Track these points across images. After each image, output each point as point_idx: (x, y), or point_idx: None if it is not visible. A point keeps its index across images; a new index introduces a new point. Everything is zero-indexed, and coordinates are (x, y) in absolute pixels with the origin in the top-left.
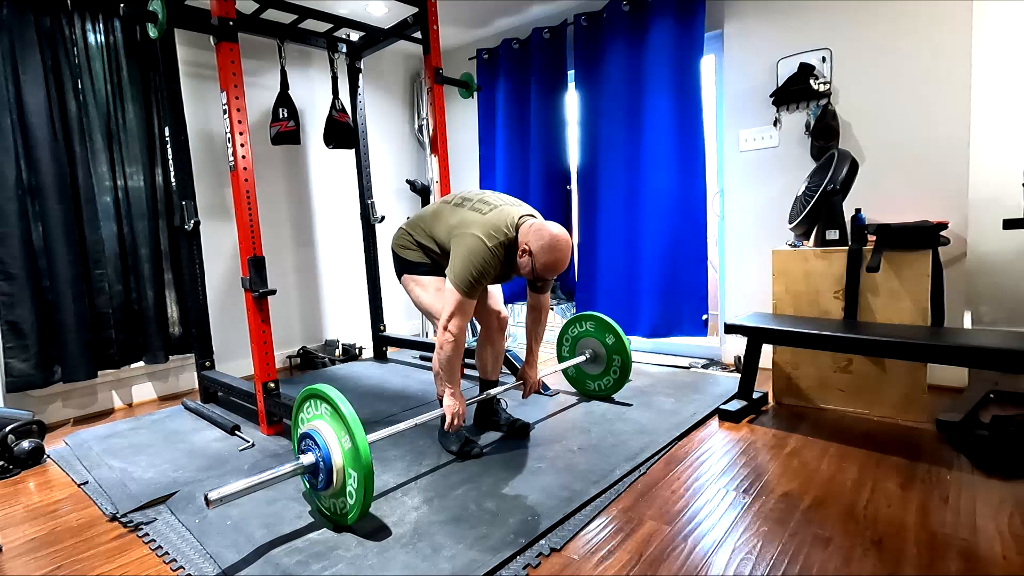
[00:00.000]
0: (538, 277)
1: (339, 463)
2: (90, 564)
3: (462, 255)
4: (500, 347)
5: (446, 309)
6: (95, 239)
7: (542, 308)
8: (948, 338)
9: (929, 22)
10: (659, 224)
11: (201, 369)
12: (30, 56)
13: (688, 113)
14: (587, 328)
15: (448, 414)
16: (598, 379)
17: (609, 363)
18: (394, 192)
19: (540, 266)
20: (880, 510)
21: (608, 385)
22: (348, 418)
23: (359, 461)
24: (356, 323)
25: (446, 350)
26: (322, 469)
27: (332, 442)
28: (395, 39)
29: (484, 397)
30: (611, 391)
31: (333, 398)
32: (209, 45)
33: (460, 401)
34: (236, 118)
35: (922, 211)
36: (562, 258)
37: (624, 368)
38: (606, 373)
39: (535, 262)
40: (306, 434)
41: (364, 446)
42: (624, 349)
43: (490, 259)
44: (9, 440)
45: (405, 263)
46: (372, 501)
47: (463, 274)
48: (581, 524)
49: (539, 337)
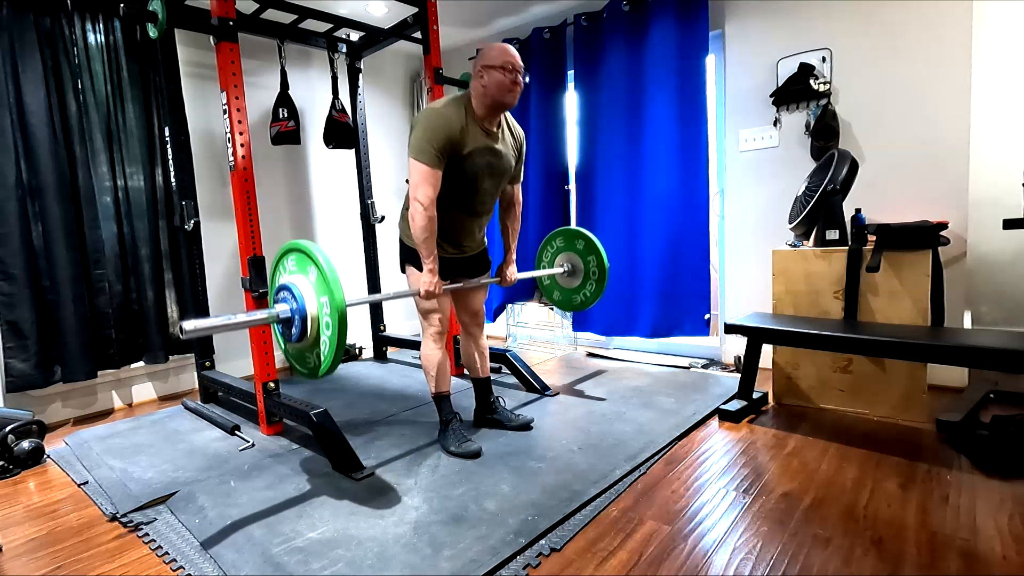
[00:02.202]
0: (507, 76)
1: (314, 312)
2: (90, 564)
3: (416, 129)
4: (482, 344)
5: (412, 182)
6: (95, 239)
7: (514, 202)
8: (948, 338)
9: (929, 22)
10: (661, 224)
11: (201, 369)
12: (30, 56)
13: (691, 112)
14: (558, 245)
15: (422, 288)
16: (581, 289)
17: (587, 269)
18: (394, 192)
19: (496, 61)
20: (880, 510)
21: (592, 291)
22: (324, 267)
23: (334, 302)
24: (356, 323)
25: (418, 221)
26: (297, 319)
27: (308, 293)
28: (395, 39)
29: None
30: (596, 296)
31: (310, 249)
32: (209, 45)
33: (435, 277)
34: (236, 118)
35: (922, 211)
36: (508, 47)
37: (601, 268)
38: (587, 278)
39: (491, 64)
40: (283, 286)
41: (338, 288)
42: (596, 249)
43: (441, 117)
44: (9, 440)
45: (406, 250)
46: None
47: (418, 141)
48: (581, 524)
49: (514, 232)
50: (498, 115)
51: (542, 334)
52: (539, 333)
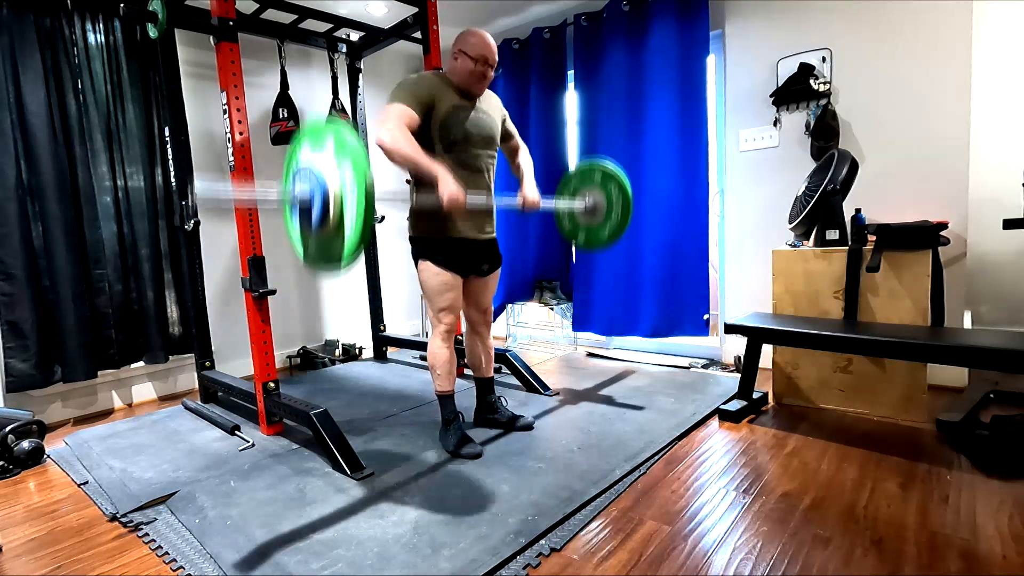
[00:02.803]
0: (477, 67)
1: (336, 189)
2: (90, 564)
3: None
4: (488, 343)
5: (379, 119)
6: (95, 239)
7: (517, 148)
8: (948, 338)
9: (929, 22)
10: (660, 224)
11: (201, 369)
12: (30, 56)
13: (691, 113)
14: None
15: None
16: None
17: (609, 199)
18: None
19: (472, 51)
20: (880, 510)
21: (618, 219)
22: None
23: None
24: (356, 323)
25: (388, 142)
26: (318, 198)
27: (330, 171)
28: (395, 39)
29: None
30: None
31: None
32: (209, 45)
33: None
34: (236, 118)
35: (922, 211)
36: (483, 34)
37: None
38: (610, 209)
39: (467, 51)
40: (299, 170)
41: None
42: (615, 177)
43: (416, 77)
44: (9, 440)
45: (416, 243)
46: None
47: (393, 94)
48: (581, 524)
49: (527, 169)
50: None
51: (542, 334)
52: (539, 333)
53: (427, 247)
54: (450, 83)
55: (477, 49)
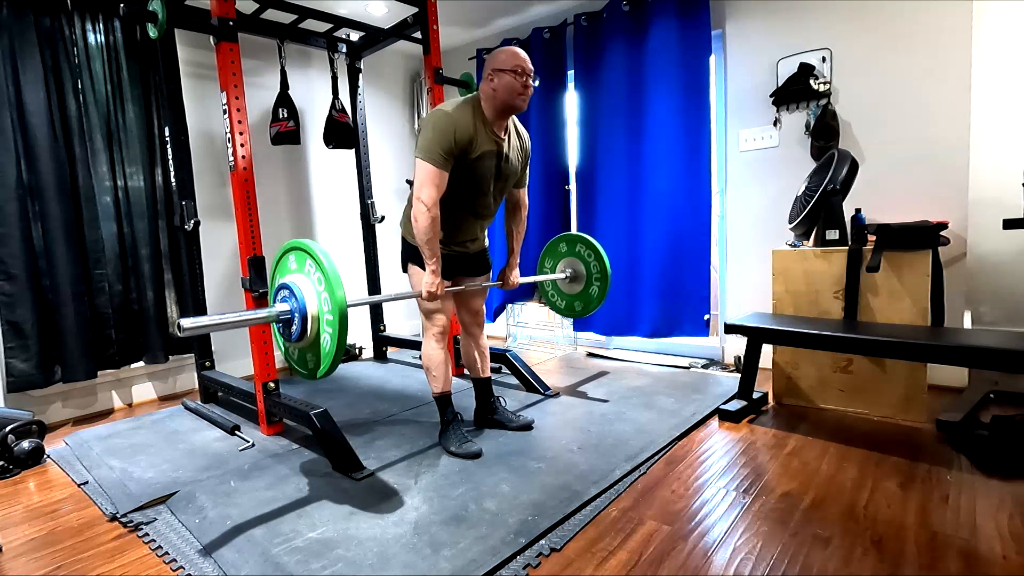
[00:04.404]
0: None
1: (314, 311)
2: (90, 564)
3: (424, 130)
4: (482, 343)
5: (416, 182)
6: (95, 239)
7: (520, 205)
8: (948, 338)
9: (929, 22)
10: (661, 224)
11: (201, 369)
12: (30, 56)
13: (693, 112)
14: (560, 251)
15: (424, 289)
16: (584, 294)
17: (589, 274)
18: (394, 192)
19: (506, 64)
20: (880, 510)
21: (596, 296)
22: (325, 265)
23: (335, 300)
24: (356, 323)
25: (421, 221)
26: (297, 318)
27: (309, 292)
28: (395, 39)
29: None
30: (599, 301)
31: (311, 248)
32: (209, 45)
33: (438, 278)
34: (236, 118)
35: (922, 211)
36: (518, 51)
37: (603, 272)
38: (589, 283)
39: (502, 67)
40: (283, 285)
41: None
42: (598, 253)
43: (450, 120)
44: (9, 440)
45: (408, 248)
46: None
47: (426, 142)
48: (581, 524)
49: (519, 236)
50: (507, 118)
51: (542, 334)
52: (539, 333)
53: (418, 253)
54: (479, 119)
55: (511, 61)
